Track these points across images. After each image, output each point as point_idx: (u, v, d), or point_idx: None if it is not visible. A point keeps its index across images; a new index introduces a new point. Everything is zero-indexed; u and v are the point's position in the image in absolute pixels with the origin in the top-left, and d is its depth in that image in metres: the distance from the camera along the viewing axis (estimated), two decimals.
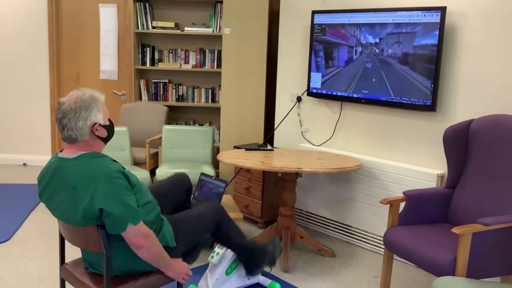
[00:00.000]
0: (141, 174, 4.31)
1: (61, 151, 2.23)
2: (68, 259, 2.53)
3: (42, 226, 4.16)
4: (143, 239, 2.14)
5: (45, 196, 2.23)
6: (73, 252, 3.42)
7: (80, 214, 2.08)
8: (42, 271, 3.36)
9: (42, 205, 4.66)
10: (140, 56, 5.82)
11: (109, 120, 2.26)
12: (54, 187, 2.17)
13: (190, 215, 2.63)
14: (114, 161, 2.22)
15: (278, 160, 3.55)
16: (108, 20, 5.84)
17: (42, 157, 6.18)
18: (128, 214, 2.08)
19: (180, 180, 2.97)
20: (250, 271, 3.05)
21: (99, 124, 2.19)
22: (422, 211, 3.02)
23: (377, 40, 3.71)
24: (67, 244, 3.34)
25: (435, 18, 3.35)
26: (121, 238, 2.16)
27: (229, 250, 2.98)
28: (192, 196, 3.10)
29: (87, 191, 2.06)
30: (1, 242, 3.80)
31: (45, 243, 3.83)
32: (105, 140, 2.26)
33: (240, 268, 3.11)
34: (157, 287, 2.34)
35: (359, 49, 3.83)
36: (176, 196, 2.93)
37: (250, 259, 2.99)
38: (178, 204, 2.98)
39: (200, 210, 2.69)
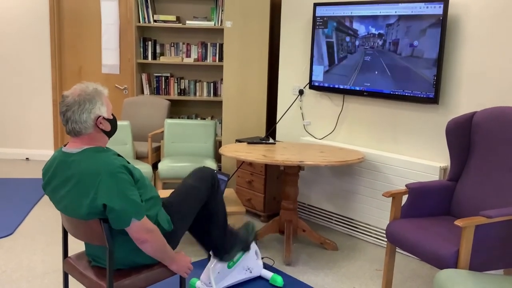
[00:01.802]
0: (144, 168, 4.31)
1: (65, 145, 2.23)
2: (71, 252, 2.53)
3: (45, 220, 4.17)
4: (147, 234, 2.14)
5: (49, 189, 2.24)
6: (76, 246, 3.42)
7: (85, 208, 2.08)
8: (46, 265, 3.37)
9: (45, 200, 4.67)
10: (141, 50, 5.81)
11: (112, 114, 2.26)
12: (58, 181, 2.17)
13: (181, 192, 2.56)
14: (118, 155, 2.22)
15: (280, 154, 3.55)
16: (110, 13, 5.83)
17: (44, 152, 6.19)
18: (131, 209, 2.08)
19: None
20: (219, 255, 2.89)
21: (103, 118, 2.19)
22: (424, 204, 3.01)
23: (380, 32, 3.69)
24: (70, 237, 3.35)
25: (437, 9, 3.33)
26: (124, 232, 2.16)
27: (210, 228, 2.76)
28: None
29: (91, 186, 2.06)
30: (5, 236, 3.81)
31: (48, 237, 3.84)
32: (109, 134, 2.25)
33: (242, 261, 3.12)
34: (160, 280, 2.34)
35: (362, 41, 3.82)
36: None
37: (222, 242, 2.84)
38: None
39: (190, 183, 2.60)
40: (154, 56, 5.82)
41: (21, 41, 5.99)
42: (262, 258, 3.36)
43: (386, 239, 3.59)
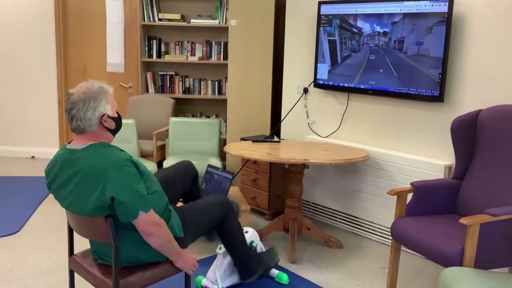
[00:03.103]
0: (149, 166, 4.33)
1: (69, 143, 2.24)
2: (76, 250, 2.54)
3: (50, 218, 4.19)
4: (154, 227, 2.16)
5: (54, 188, 2.25)
6: (82, 243, 3.44)
7: (93, 203, 2.09)
8: (51, 263, 3.38)
9: (50, 197, 4.69)
10: (146, 48, 5.82)
11: (117, 112, 2.27)
12: (63, 178, 2.18)
13: (197, 206, 2.64)
14: (122, 150, 2.23)
15: (285, 152, 3.55)
16: (115, 12, 5.84)
17: (50, 150, 6.21)
18: (139, 201, 2.09)
19: (185, 168, 2.98)
20: (244, 277, 3.04)
21: (108, 116, 2.20)
22: (429, 202, 3.01)
23: (385, 30, 3.69)
24: (76, 235, 3.37)
25: (442, 7, 3.33)
26: (129, 229, 2.17)
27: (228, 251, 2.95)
28: (198, 184, 3.09)
29: (98, 181, 2.07)
30: (10, 234, 3.83)
31: (54, 234, 3.86)
32: (113, 132, 2.27)
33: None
34: (166, 277, 2.35)
35: (366, 39, 3.81)
36: (182, 184, 2.94)
37: (246, 264, 2.99)
38: (185, 192, 3.00)
39: (207, 201, 2.71)
40: (159, 55, 5.83)
41: (26, 40, 6.01)
42: None
43: (390, 237, 3.59)
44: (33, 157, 6.25)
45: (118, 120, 2.27)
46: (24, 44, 6.02)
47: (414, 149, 3.71)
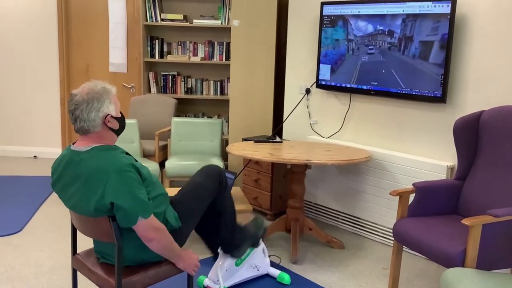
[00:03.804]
0: (151, 166, 4.33)
1: (73, 143, 2.24)
2: (79, 249, 2.55)
3: (53, 218, 4.20)
4: (153, 232, 2.15)
5: (58, 187, 2.25)
6: (85, 243, 3.44)
7: (93, 206, 2.10)
8: (54, 262, 3.39)
9: (53, 197, 4.70)
10: (149, 48, 5.83)
11: (120, 112, 2.28)
12: (67, 179, 2.19)
13: (189, 190, 2.56)
14: (127, 153, 2.23)
15: (287, 152, 3.55)
16: (117, 12, 5.85)
17: (52, 150, 6.22)
18: (138, 208, 2.09)
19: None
20: (230, 251, 2.91)
21: (111, 116, 2.20)
22: (431, 203, 3.01)
23: (387, 31, 3.69)
24: (79, 234, 3.37)
25: (445, 8, 3.33)
26: (133, 229, 2.17)
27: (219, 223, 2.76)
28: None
29: (99, 185, 2.08)
30: (13, 234, 3.84)
31: (56, 234, 3.87)
32: (117, 132, 2.27)
33: (249, 259, 3.13)
34: (168, 277, 2.36)
35: (369, 40, 3.82)
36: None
37: (232, 237, 2.84)
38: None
39: (197, 181, 2.60)
40: (161, 55, 5.84)
41: (29, 39, 6.02)
42: (269, 256, 3.36)
43: (393, 238, 3.59)
44: (35, 156, 6.26)
45: (121, 120, 2.27)
46: (27, 43, 6.03)
47: (416, 150, 3.71)
